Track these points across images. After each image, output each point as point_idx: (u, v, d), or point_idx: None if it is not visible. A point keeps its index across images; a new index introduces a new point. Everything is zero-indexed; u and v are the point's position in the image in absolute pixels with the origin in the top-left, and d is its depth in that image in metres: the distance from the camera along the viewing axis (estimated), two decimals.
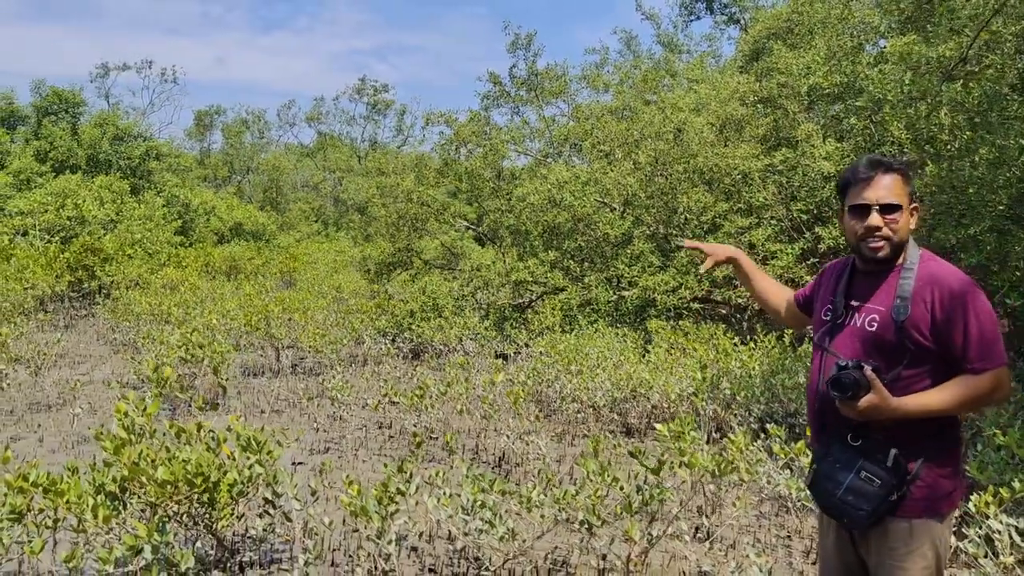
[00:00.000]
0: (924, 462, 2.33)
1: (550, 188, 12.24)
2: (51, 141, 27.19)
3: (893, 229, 2.42)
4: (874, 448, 2.34)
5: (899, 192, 2.44)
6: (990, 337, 2.30)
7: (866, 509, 2.30)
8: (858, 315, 2.48)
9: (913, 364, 2.34)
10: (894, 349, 2.36)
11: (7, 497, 3.65)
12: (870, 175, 2.45)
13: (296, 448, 7.10)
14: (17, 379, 9.49)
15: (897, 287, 2.39)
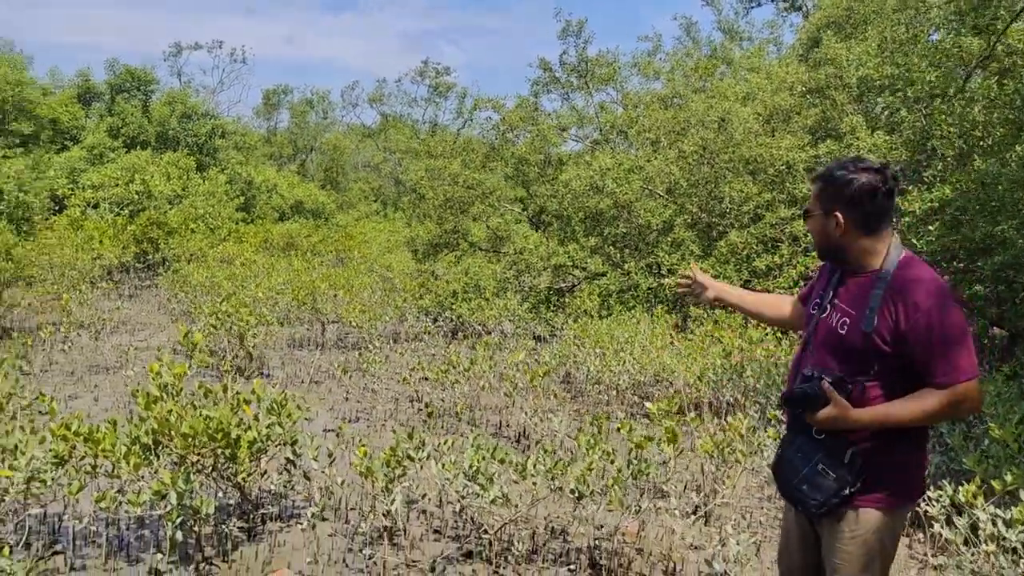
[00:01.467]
0: (882, 460, 2.42)
1: (592, 175, 12.40)
2: (123, 118, 28.33)
3: (810, 233, 2.60)
4: (835, 444, 2.44)
5: (813, 201, 2.57)
6: (955, 351, 2.29)
7: (817, 499, 2.43)
8: (836, 315, 2.55)
9: (880, 374, 2.41)
10: (861, 357, 2.42)
11: (52, 444, 4.07)
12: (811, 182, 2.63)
13: (329, 417, 7.50)
14: (80, 343, 10.15)
15: (869, 296, 2.43)
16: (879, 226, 2.49)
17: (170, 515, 3.79)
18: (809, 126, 13.31)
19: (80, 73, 30.53)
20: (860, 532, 2.45)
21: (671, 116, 13.68)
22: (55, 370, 8.75)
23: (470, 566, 4.27)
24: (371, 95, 49.53)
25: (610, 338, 9.17)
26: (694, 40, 27.49)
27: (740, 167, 12.80)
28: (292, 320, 12.44)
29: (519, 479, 4.36)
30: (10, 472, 3.84)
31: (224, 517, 4.49)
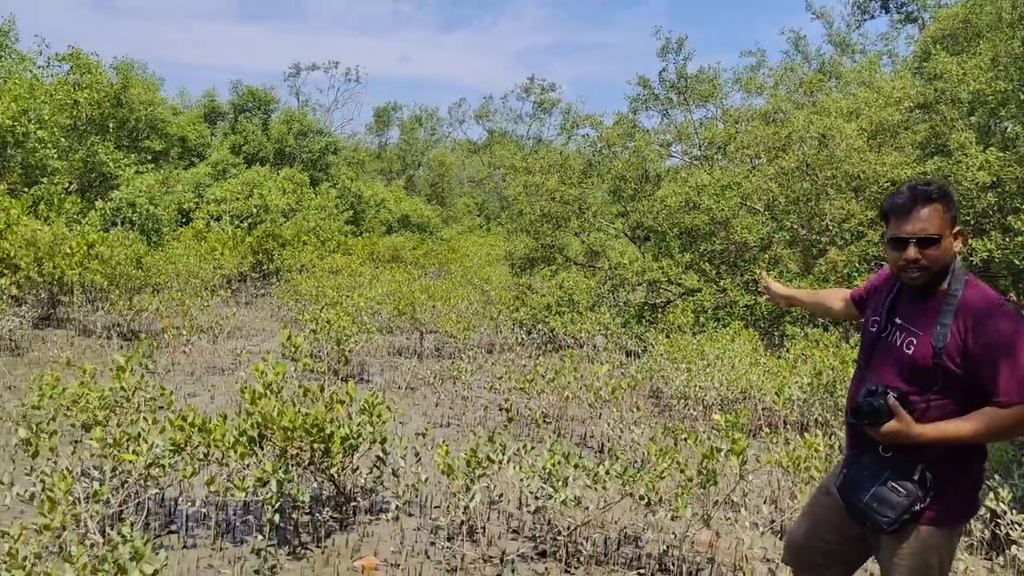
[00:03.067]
0: (949, 478, 2.47)
1: (688, 191, 12.43)
2: (245, 136, 30.09)
3: (931, 260, 2.48)
4: (902, 462, 2.49)
5: (938, 223, 2.46)
6: (1021, 371, 2.30)
7: (890, 516, 2.48)
8: (899, 334, 2.58)
9: (944, 390, 2.44)
10: (928, 375, 2.46)
11: (170, 433, 4.55)
12: (909, 207, 2.49)
13: (422, 421, 7.87)
14: (199, 346, 10.94)
15: (940, 313, 2.45)
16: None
17: (270, 500, 4.18)
18: (918, 142, 12.93)
19: (207, 94, 32.65)
20: (920, 549, 2.50)
21: (772, 132, 13.55)
22: (177, 370, 9.50)
23: (543, 564, 4.48)
24: (477, 112, 50.69)
25: (699, 354, 9.21)
26: (803, 54, 26.97)
27: (843, 184, 12.56)
28: (393, 329, 12.99)
29: (593, 484, 4.55)
30: (133, 457, 4.32)
31: (319, 507, 4.87)
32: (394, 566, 4.36)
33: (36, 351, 10.05)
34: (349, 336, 9.07)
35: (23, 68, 18.19)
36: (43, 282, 11.98)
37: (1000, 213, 11.71)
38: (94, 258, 11.87)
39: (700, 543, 4.80)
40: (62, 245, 11.83)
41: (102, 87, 19.94)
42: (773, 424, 7.99)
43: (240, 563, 4.24)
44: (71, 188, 17.75)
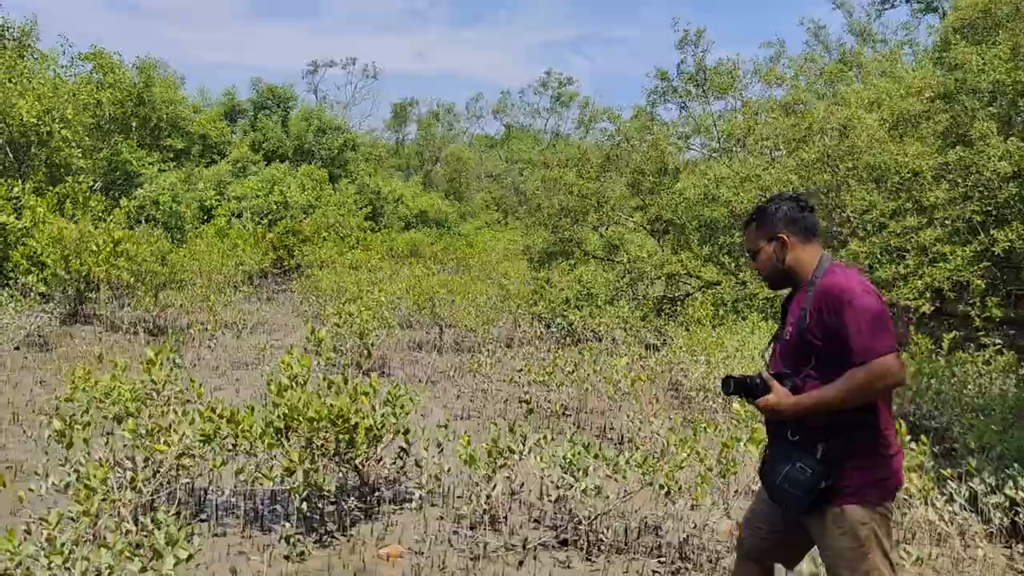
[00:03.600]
0: (848, 453, 2.68)
1: (707, 184, 12.42)
2: (264, 133, 30.32)
3: (761, 267, 2.99)
4: (805, 442, 2.72)
5: (753, 239, 2.99)
6: (868, 332, 2.58)
7: (799, 495, 2.69)
8: (784, 328, 2.94)
9: (815, 367, 2.72)
10: (799, 354, 2.77)
11: (200, 424, 4.66)
12: (743, 230, 3.12)
13: (443, 413, 7.96)
14: (223, 341, 11.10)
15: (803, 301, 2.79)
16: (812, 237, 2.91)
17: (297, 489, 4.28)
18: (939, 132, 12.83)
19: (226, 92, 32.90)
20: (847, 527, 2.67)
21: (791, 123, 13.49)
22: (202, 365, 9.65)
23: (564, 553, 4.55)
24: (495, 106, 50.69)
25: (718, 346, 9.23)
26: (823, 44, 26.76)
27: (864, 175, 12.50)
28: (412, 324, 13.10)
29: (613, 474, 4.61)
30: (165, 448, 4.43)
31: (344, 497, 4.97)
32: (418, 554, 4.45)
33: (64, 347, 10.24)
34: (371, 330, 9.18)
35: (46, 68, 18.44)
36: (70, 279, 12.18)
37: (1021, 203, 11.62)
38: (120, 255, 12.05)
39: (720, 532, 4.85)
40: (88, 242, 12.02)
41: (124, 86, 20.19)
42: None
43: (269, 550, 4.35)
44: (95, 186, 17.99)
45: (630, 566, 4.41)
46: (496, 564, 4.36)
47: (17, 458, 5.79)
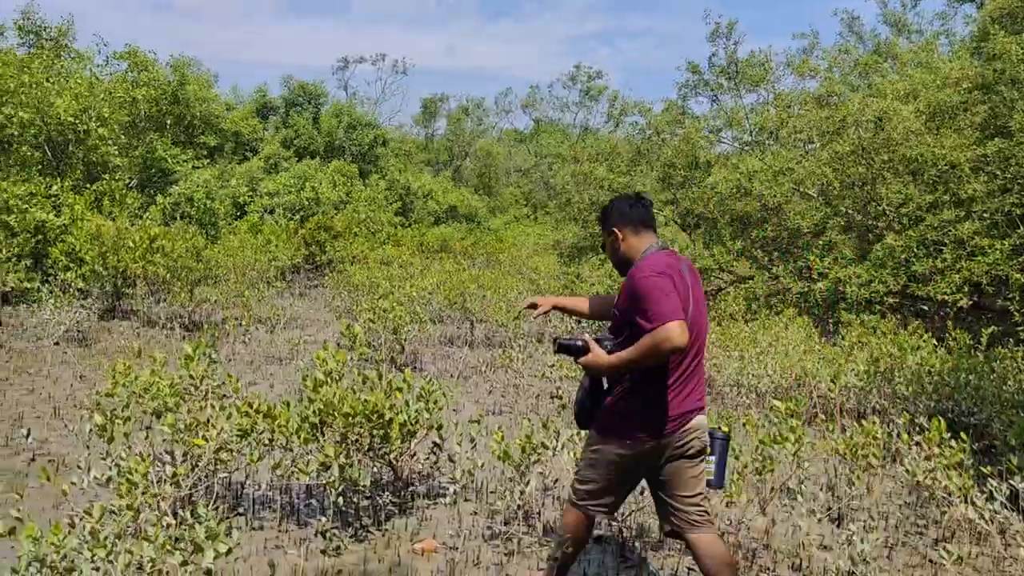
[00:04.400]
0: (611, 397, 3.34)
1: (739, 177, 12.30)
2: (296, 130, 30.57)
3: (609, 255, 3.59)
4: (594, 384, 3.40)
5: (601, 234, 3.59)
6: (649, 306, 3.06)
7: (575, 414, 3.52)
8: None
9: (629, 334, 3.21)
10: (617, 326, 3.36)
11: (237, 419, 4.71)
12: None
13: (475, 409, 7.98)
14: (258, 336, 11.22)
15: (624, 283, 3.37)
16: (643, 228, 3.42)
17: (332, 484, 4.32)
18: (977, 124, 12.57)
19: (258, 89, 33.22)
20: (590, 445, 3.50)
21: (825, 116, 13.31)
22: (237, 360, 9.76)
23: (600, 549, 4.54)
24: (524, 101, 50.62)
25: (752, 342, 9.15)
26: (857, 35, 26.37)
27: (900, 167, 12.30)
28: (444, 319, 13.14)
29: None
30: (203, 442, 4.49)
31: (379, 492, 5.00)
32: (452, 549, 4.46)
33: (103, 342, 10.43)
34: (404, 325, 9.22)
35: (83, 67, 18.76)
36: (107, 275, 12.39)
37: None
38: (156, 251, 12.23)
39: (756, 529, 4.81)
40: (125, 239, 12.21)
41: (159, 84, 20.47)
42: (828, 412, 7.91)
43: (305, 544, 4.39)
44: (131, 184, 18.28)
45: (665, 563, 4.40)
46: (530, 559, 4.36)
47: (59, 452, 5.91)
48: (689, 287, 3.24)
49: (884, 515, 5.31)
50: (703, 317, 3.36)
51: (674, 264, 3.26)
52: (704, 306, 3.41)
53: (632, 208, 3.43)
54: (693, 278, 3.34)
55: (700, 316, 3.31)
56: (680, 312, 3.02)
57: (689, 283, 3.26)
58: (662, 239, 3.48)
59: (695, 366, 3.32)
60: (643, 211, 3.43)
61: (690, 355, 3.26)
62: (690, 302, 3.20)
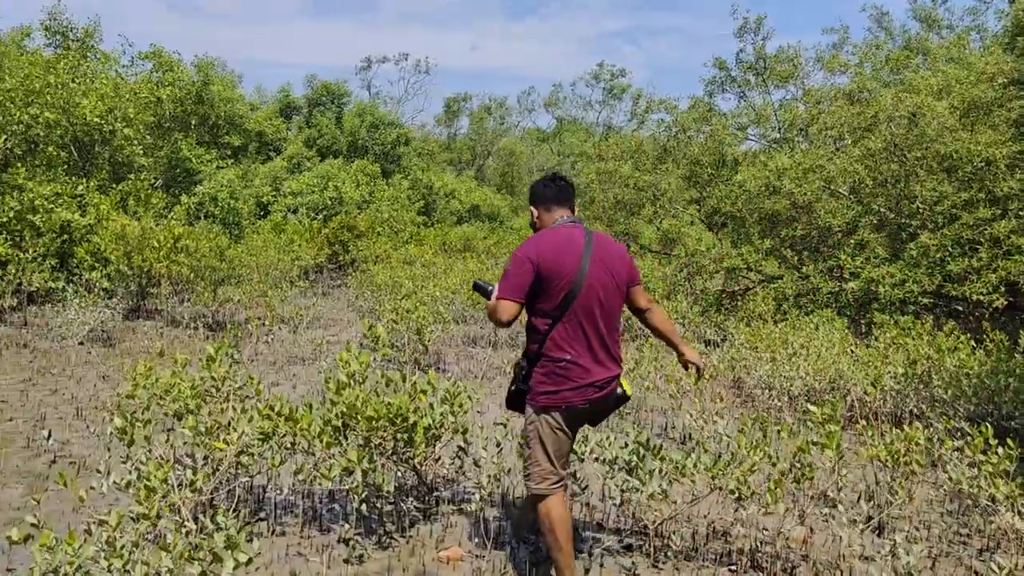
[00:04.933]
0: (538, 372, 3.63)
1: (768, 175, 12.06)
2: (319, 129, 30.61)
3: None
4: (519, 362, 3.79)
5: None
6: (501, 279, 3.56)
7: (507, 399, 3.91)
8: None
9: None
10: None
11: (259, 422, 4.60)
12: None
13: (499, 411, 7.84)
14: (280, 336, 11.17)
15: None
16: (553, 206, 3.79)
17: (356, 489, 4.19)
18: (1012, 119, 12.25)
19: (281, 89, 33.32)
20: (526, 419, 3.76)
21: (856, 112, 13.04)
22: (260, 360, 9.70)
23: (630, 559, 4.38)
24: (546, 99, 50.45)
25: (783, 343, 8.94)
26: (887, 31, 25.92)
27: (933, 164, 12.01)
28: (467, 319, 13.02)
29: (679, 477, 4.43)
30: (224, 446, 4.38)
31: (403, 497, 4.88)
32: (478, 557, 4.33)
33: (127, 341, 10.41)
34: (427, 326, 9.10)
35: (108, 68, 18.85)
36: (132, 275, 12.40)
37: None
38: (180, 251, 12.22)
39: (794, 539, 4.63)
40: (150, 239, 12.21)
41: (184, 85, 20.54)
42: (864, 416, 7.69)
43: (328, 551, 4.27)
44: (157, 184, 18.34)
45: (699, 573, 4.23)
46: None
47: (80, 453, 5.85)
48: (580, 260, 3.56)
49: (926, 524, 5.11)
50: (614, 284, 3.66)
51: (558, 242, 3.60)
52: (612, 273, 3.65)
53: (546, 188, 3.82)
54: (600, 251, 3.64)
55: (601, 284, 3.59)
56: (516, 295, 3.51)
57: (582, 258, 3.57)
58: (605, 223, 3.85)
59: (606, 334, 3.65)
60: (555, 191, 3.80)
61: (596, 324, 3.59)
62: (574, 275, 3.52)
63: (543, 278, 3.51)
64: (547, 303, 3.55)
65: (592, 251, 3.59)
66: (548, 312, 3.56)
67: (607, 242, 3.74)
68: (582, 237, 3.63)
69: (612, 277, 3.64)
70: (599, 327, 3.59)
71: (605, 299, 3.59)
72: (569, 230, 3.66)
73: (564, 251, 3.55)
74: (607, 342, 3.64)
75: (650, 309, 3.97)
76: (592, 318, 3.56)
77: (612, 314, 3.66)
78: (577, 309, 3.53)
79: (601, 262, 3.60)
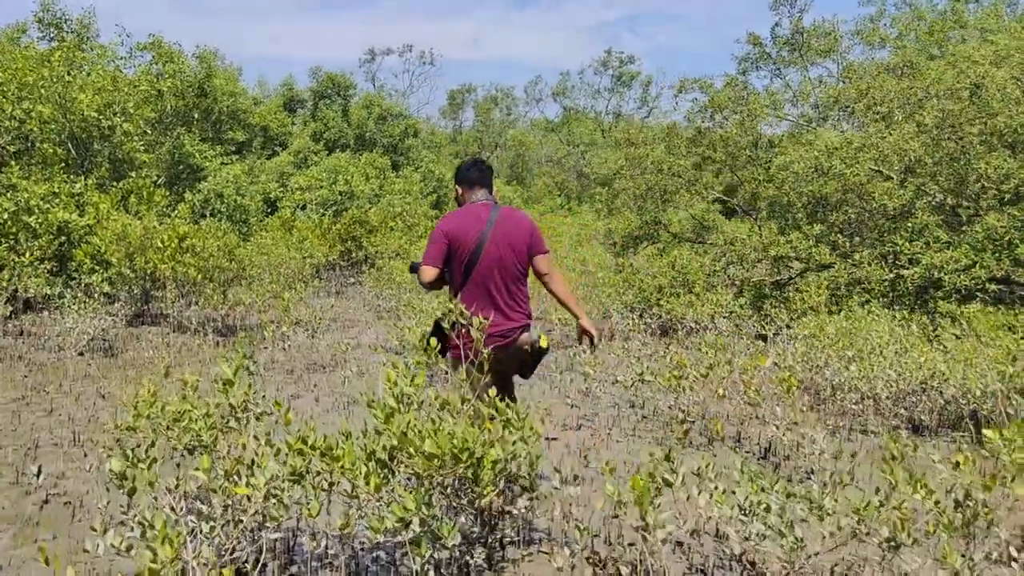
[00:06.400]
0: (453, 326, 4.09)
1: (817, 155, 11.14)
2: (325, 122, 29.70)
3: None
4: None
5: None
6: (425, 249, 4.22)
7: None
8: None
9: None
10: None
11: (288, 458, 3.75)
12: None
13: (551, 422, 6.99)
14: (296, 341, 10.32)
15: None
16: (474, 186, 4.36)
17: (417, 548, 3.34)
18: None
19: (284, 83, 32.41)
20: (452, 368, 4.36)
21: (906, 87, 12.11)
22: (276, 369, 8.86)
23: None
24: (555, 88, 49.51)
25: (850, 338, 8.06)
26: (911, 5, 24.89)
27: (995, 140, 11.08)
28: None
29: (813, 519, 3.57)
30: (248, 490, 3.54)
31: (466, 545, 4.02)
32: None
33: (131, 351, 9.58)
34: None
35: (105, 60, 17.91)
36: (135, 278, 11.57)
37: None
38: (186, 251, 11.38)
39: None
40: (153, 239, 11.37)
41: (185, 77, 19.64)
42: (957, 423, 6.82)
43: None
44: (159, 181, 17.47)
45: None
46: None
47: (77, 491, 5.00)
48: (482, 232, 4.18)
49: None
50: (515, 250, 4.24)
51: (468, 217, 4.24)
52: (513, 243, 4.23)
53: (468, 171, 4.42)
54: (503, 224, 4.24)
55: (500, 252, 4.20)
56: (433, 261, 4.19)
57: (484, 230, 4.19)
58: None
59: (508, 293, 4.22)
60: (477, 174, 4.39)
61: (498, 284, 4.19)
62: (475, 245, 4.16)
63: (452, 248, 4.19)
64: (457, 268, 4.21)
65: (495, 224, 4.21)
66: (458, 275, 4.22)
67: (512, 215, 4.35)
68: (488, 213, 4.25)
69: (512, 246, 4.23)
70: (501, 287, 4.21)
71: (505, 264, 4.21)
72: (480, 208, 4.29)
73: (471, 225, 4.20)
74: (510, 300, 4.25)
75: (549, 275, 4.43)
76: (493, 280, 4.19)
77: (514, 276, 4.26)
78: (480, 272, 4.18)
79: (502, 234, 4.21)
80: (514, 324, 4.27)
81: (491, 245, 4.16)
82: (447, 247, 4.18)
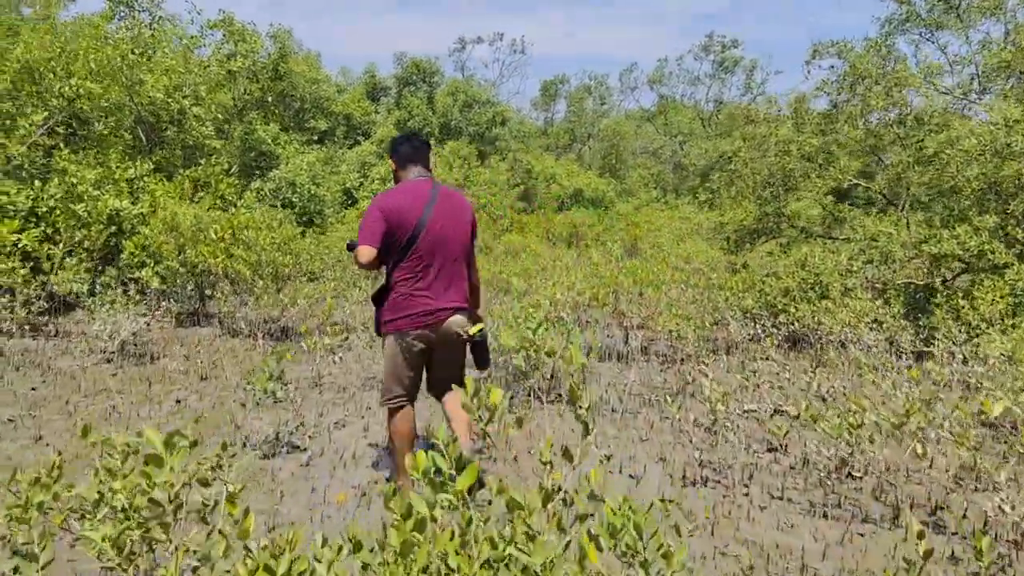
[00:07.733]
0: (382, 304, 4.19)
1: (994, 130, 8.94)
2: (409, 111, 28.47)
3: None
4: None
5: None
6: (359, 230, 4.02)
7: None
8: None
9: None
10: None
11: None
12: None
13: (661, 472, 5.23)
14: (357, 349, 8.86)
15: None
16: (408, 163, 4.31)
17: None
18: None
19: (367, 70, 31.33)
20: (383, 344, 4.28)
21: None
22: (325, 385, 7.37)
23: None
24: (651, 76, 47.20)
25: None
26: None
27: None
28: (587, 322, 10.41)
29: None
30: None
31: None
32: None
33: (168, 357, 8.28)
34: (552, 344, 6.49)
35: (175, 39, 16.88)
36: (185, 273, 10.36)
37: None
38: (239, 244, 10.08)
39: None
40: (206, 229, 10.12)
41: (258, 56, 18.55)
42: None
43: None
44: (232, 170, 16.43)
45: None
46: None
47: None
48: (423, 210, 4.05)
49: None
50: (454, 231, 4.14)
51: (406, 195, 4.10)
52: (454, 224, 4.15)
53: (402, 146, 4.32)
54: (444, 203, 4.13)
55: (441, 231, 4.08)
56: (371, 240, 3.95)
57: (425, 208, 4.06)
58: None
59: (444, 273, 4.10)
60: (411, 150, 4.30)
61: (435, 264, 4.07)
62: (415, 223, 4.01)
63: (391, 225, 4.00)
64: (395, 246, 4.04)
65: (436, 203, 4.09)
66: (395, 253, 4.06)
67: (452, 196, 4.23)
68: (428, 191, 4.13)
69: (454, 227, 4.14)
70: (439, 267, 4.08)
71: (445, 244, 4.09)
72: (418, 184, 4.16)
73: (410, 203, 4.06)
74: (447, 281, 4.12)
75: (473, 263, 4.39)
76: (432, 259, 4.06)
77: (453, 256, 4.13)
78: (419, 251, 4.03)
79: (444, 214, 4.10)
80: (444, 304, 4.12)
81: (433, 223, 4.06)
82: (385, 226, 3.99)
